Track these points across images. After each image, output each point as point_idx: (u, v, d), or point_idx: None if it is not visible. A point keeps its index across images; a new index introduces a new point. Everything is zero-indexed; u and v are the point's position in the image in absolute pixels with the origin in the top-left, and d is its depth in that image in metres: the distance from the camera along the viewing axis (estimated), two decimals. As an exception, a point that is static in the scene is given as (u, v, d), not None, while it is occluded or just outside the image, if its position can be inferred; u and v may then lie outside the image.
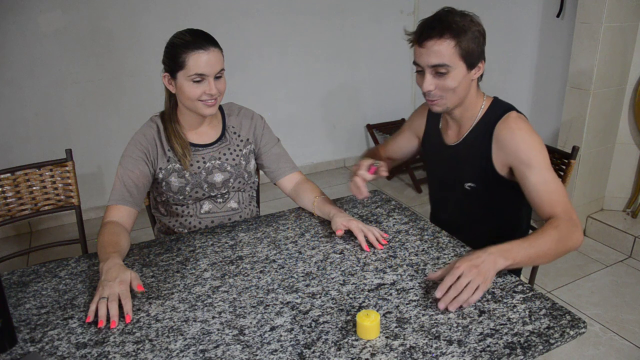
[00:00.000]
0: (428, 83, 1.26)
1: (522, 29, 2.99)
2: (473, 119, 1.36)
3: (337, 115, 3.87)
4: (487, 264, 1.02)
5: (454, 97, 1.29)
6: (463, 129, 1.39)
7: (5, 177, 1.52)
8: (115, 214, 1.34)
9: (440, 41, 1.21)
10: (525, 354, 0.89)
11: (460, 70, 1.24)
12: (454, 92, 1.27)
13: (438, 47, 1.21)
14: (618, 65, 2.51)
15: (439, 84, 1.26)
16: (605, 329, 2.05)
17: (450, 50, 1.21)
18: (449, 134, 1.44)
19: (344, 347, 0.92)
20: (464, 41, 1.21)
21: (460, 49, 1.21)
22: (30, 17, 2.73)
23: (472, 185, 1.39)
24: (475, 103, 1.35)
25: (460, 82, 1.26)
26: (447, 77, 1.24)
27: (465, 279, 1.00)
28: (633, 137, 2.69)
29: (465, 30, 1.21)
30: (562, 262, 2.55)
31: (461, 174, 1.41)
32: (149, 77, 3.06)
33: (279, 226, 1.42)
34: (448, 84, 1.25)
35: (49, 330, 1.00)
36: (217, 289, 1.12)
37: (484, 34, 1.26)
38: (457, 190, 1.44)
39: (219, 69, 1.34)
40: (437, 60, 1.23)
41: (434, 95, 1.28)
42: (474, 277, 1.00)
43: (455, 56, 1.22)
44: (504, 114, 1.31)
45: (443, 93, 1.27)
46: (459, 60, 1.23)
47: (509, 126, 1.28)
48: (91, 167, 3.14)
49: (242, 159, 1.53)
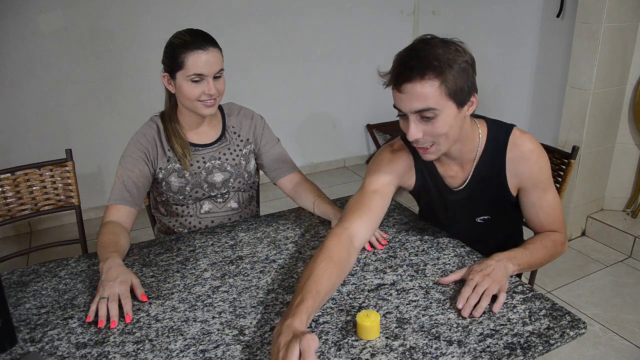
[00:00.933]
0: (414, 131, 1.07)
1: (522, 29, 2.99)
2: (474, 151, 1.22)
3: (337, 115, 3.88)
4: (498, 271, 1.06)
5: (447, 142, 1.11)
6: (467, 167, 1.24)
7: (5, 177, 1.52)
8: (115, 213, 1.34)
9: (422, 83, 1.01)
10: (525, 355, 0.89)
11: (450, 112, 1.06)
12: (447, 137, 1.09)
13: (420, 89, 1.02)
14: (618, 65, 2.51)
15: (427, 130, 1.07)
16: (605, 329, 2.05)
17: (435, 92, 1.02)
18: (452, 177, 1.27)
19: (344, 348, 0.92)
20: (450, 78, 1.02)
21: (446, 87, 1.02)
22: (30, 17, 2.73)
23: (486, 217, 1.32)
24: (472, 136, 1.20)
25: (452, 125, 1.08)
26: (436, 121, 1.06)
27: (481, 287, 1.03)
28: (633, 137, 2.69)
29: (450, 64, 1.02)
30: (562, 262, 2.55)
31: (473, 211, 1.32)
32: (149, 77, 3.06)
33: (279, 226, 1.42)
34: (438, 129, 1.07)
35: (49, 330, 1.00)
36: (217, 289, 1.12)
37: (472, 63, 1.08)
38: (467, 227, 1.35)
39: (217, 69, 1.34)
40: (420, 104, 1.03)
41: (423, 143, 1.11)
42: (490, 285, 1.03)
43: (441, 97, 1.03)
44: (507, 136, 1.20)
45: (434, 139, 1.09)
46: (447, 101, 1.04)
47: (520, 149, 1.20)
48: (91, 167, 3.14)
49: (242, 159, 1.53)
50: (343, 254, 1.07)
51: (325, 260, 1.03)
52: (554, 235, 1.24)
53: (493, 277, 1.04)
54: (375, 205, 1.20)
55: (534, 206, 1.25)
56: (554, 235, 1.24)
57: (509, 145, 1.20)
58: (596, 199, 2.81)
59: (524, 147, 1.20)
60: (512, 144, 1.20)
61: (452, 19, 3.40)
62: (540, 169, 1.21)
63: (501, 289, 1.03)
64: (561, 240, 1.25)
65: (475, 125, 1.21)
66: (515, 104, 3.09)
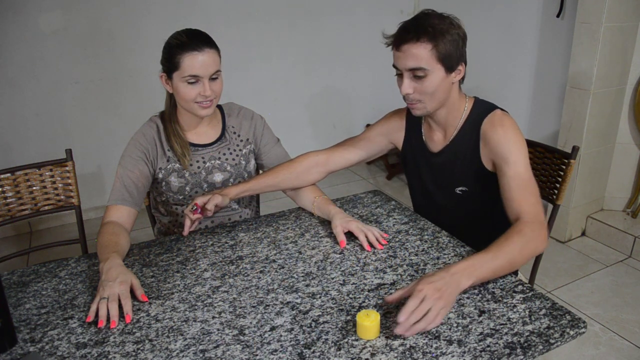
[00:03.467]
0: (406, 86, 1.25)
1: (522, 29, 2.99)
2: (457, 121, 1.35)
3: (337, 115, 3.88)
4: (450, 288, 0.97)
5: (433, 101, 1.28)
6: (448, 133, 1.37)
7: (5, 177, 1.52)
8: (115, 214, 1.34)
9: (417, 45, 1.20)
10: (525, 354, 0.89)
11: (438, 74, 1.23)
12: (433, 96, 1.26)
13: (415, 50, 1.21)
14: (618, 65, 2.51)
15: (417, 87, 1.25)
16: (605, 329, 2.05)
17: (427, 54, 1.20)
18: (434, 141, 1.41)
19: (344, 347, 0.92)
20: (442, 44, 1.20)
21: (437, 52, 1.20)
22: (30, 17, 2.73)
23: (464, 189, 1.38)
24: (458, 105, 1.34)
25: (439, 86, 1.24)
26: (425, 80, 1.23)
27: (426, 304, 0.93)
28: (633, 137, 2.69)
29: (443, 33, 1.20)
30: (562, 262, 2.55)
31: (451, 179, 1.39)
32: (149, 77, 3.06)
33: (279, 226, 1.42)
34: (426, 88, 1.24)
35: (49, 330, 1.00)
36: (217, 289, 1.12)
37: (464, 37, 1.25)
38: (446, 197, 1.42)
39: (213, 71, 1.33)
40: (414, 63, 1.22)
41: (412, 99, 1.28)
42: (435, 303, 0.93)
43: (432, 59, 1.21)
44: (489, 112, 1.31)
45: (422, 97, 1.26)
46: (437, 64, 1.22)
47: (493, 122, 1.28)
48: (91, 167, 3.14)
49: (242, 159, 1.53)
50: (303, 165, 1.46)
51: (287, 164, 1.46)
52: (521, 225, 1.12)
53: (443, 293, 0.95)
54: (359, 145, 1.51)
55: (507, 183, 1.20)
56: (521, 225, 1.12)
57: (486, 118, 1.30)
58: (596, 199, 2.81)
59: (497, 120, 1.28)
60: (489, 118, 1.30)
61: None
62: (507, 140, 1.24)
63: (442, 312, 0.94)
64: (532, 228, 1.11)
65: (463, 99, 1.35)
66: (515, 104, 3.09)
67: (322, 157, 1.48)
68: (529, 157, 1.26)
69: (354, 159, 1.50)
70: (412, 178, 1.54)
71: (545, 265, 2.50)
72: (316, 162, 1.47)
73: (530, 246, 1.09)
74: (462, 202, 1.40)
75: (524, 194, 1.18)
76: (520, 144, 1.24)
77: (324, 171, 1.49)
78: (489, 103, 1.36)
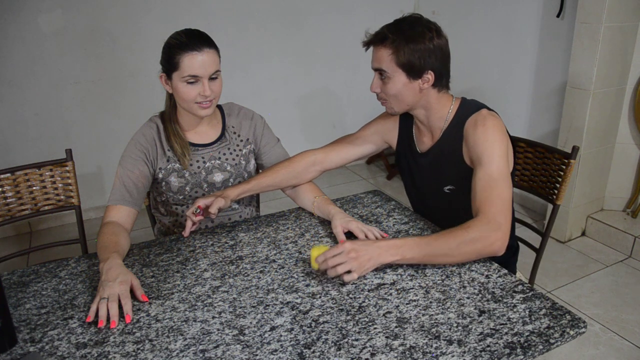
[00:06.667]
0: (374, 85, 1.32)
1: (522, 29, 2.99)
2: (442, 122, 1.35)
3: (336, 115, 3.87)
4: (368, 254, 1.09)
5: (398, 103, 1.32)
6: (435, 135, 1.38)
7: (5, 177, 1.52)
8: (115, 214, 1.34)
9: (380, 47, 1.26)
10: (525, 354, 0.89)
11: (400, 78, 1.26)
12: (397, 98, 1.30)
13: (378, 52, 1.27)
14: (618, 65, 2.51)
15: (383, 87, 1.30)
16: (605, 329, 2.05)
17: (388, 58, 1.24)
18: (423, 142, 1.42)
19: (344, 347, 0.92)
20: (402, 51, 1.22)
21: (396, 58, 1.23)
22: (30, 17, 2.73)
23: (451, 187, 1.38)
24: (440, 108, 1.34)
25: (401, 90, 1.28)
26: (388, 82, 1.28)
27: (341, 257, 1.07)
28: (633, 137, 2.69)
29: (407, 41, 1.22)
30: (562, 262, 2.55)
31: (439, 179, 1.40)
32: (149, 77, 3.06)
33: (279, 226, 1.42)
34: (389, 89, 1.29)
35: (49, 330, 1.00)
36: (217, 289, 1.12)
37: (438, 48, 1.24)
38: (436, 196, 1.42)
39: (213, 71, 1.33)
40: (376, 64, 1.28)
41: (380, 98, 1.34)
42: (349, 261, 1.07)
43: (392, 64, 1.25)
44: (475, 112, 1.30)
45: (387, 97, 1.32)
46: (397, 69, 1.25)
47: (475, 121, 1.27)
48: (91, 167, 3.14)
49: (242, 158, 1.53)
50: (302, 164, 1.47)
51: (286, 163, 1.47)
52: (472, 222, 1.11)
53: (359, 257, 1.08)
54: (355, 143, 1.51)
55: (475, 183, 1.19)
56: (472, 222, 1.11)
57: (470, 118, 1.30)
58: (596, 199, 2.81)
59: (480, 120, 1.27)
60: (472, 117, 1.30)
61: (452, 19, 3.40)
62: (485, 140, 1.23)
63: (353, 273, 1.08)
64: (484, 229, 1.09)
65: (448, 101, 1.35)
66: (515, 104, 3.09)
67: (319, 156, 1.49)
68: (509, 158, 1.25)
69: (350, 157, 1.53)
70: (405, 178, 1.55)
71: (545, 265, 2.50)
72: (314, 161, 1.49)
73: (474, 245, 1.09)
74: (452, 200, 1.40)
75: (488, 195, 1.15)
76: (497, 144, 1.21)
77: (321, 169, 1.51)
78: (478, 103, 1.35)
